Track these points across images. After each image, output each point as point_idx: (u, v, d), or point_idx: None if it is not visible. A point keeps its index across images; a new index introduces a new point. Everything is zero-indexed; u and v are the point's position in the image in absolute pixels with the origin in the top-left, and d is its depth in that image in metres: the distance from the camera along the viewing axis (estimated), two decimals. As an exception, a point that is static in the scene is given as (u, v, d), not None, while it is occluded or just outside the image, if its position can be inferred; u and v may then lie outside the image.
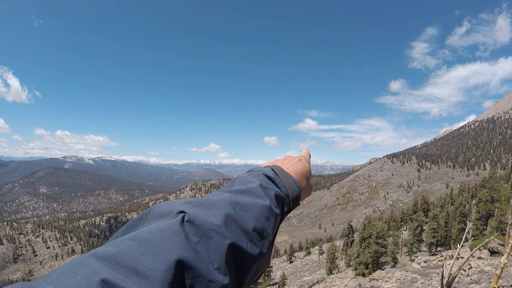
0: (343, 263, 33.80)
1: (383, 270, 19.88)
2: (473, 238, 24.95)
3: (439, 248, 28.05)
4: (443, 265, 3.42)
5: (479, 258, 14.38)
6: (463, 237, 3.39)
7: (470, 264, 12.70)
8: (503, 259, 2.60)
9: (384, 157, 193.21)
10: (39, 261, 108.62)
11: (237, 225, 0.51)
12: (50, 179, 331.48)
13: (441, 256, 19.31)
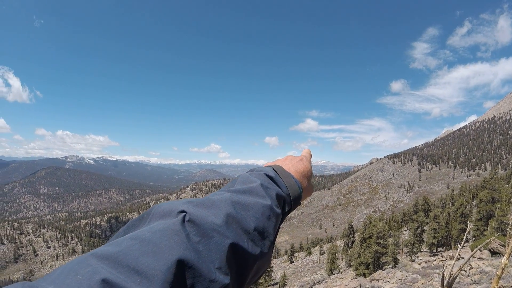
0: (343, 263, 33.79)
1: (383, 270, 19.87)
2: (473, 238, 24.93)
3: (439, 249, 28.03)
4: (443, 265, 3.44)
5: (480, 258, 14.37)
6: (464, 238, 3.41)
7: (470, 265, 12.69)
8: (503, 259, 2.62)
9: (385, 157, 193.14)
10: (40, 261, 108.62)
11: (238, 225, 0.52)
12: (51, 179, 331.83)
13: (441, 257, 19.31)
